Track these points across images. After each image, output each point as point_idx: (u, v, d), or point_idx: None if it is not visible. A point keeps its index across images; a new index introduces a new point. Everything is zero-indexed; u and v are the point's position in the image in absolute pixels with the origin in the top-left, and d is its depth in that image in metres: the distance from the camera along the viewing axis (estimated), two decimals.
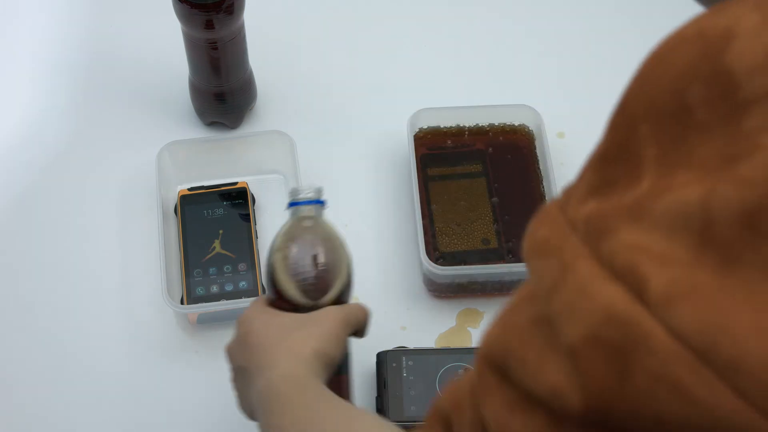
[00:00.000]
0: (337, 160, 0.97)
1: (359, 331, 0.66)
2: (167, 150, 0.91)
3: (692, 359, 0.27)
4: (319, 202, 0.68)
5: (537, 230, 0.34)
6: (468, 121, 0.96)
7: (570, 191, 0.34)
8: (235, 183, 0.92)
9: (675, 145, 0.30)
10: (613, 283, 0.29)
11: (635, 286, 0.29)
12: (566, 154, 0.95)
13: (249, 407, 0.64)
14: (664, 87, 0.31)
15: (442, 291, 0.88)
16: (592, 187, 0.32)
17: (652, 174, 0.30)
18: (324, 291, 0.66)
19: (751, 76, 0.28)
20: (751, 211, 0.27)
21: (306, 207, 0.67)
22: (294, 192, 0.68)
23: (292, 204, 0.67)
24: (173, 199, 0.91)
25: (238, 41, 0.90)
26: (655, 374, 0.28)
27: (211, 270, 0.87)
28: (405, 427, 0.78)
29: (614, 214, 0.31)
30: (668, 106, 0.30)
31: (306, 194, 0.67)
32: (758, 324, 0.26)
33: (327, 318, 0.63)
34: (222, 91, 0.94)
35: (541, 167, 0.93)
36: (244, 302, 0.81)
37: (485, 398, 0.37)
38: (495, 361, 0.36)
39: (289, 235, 0.66)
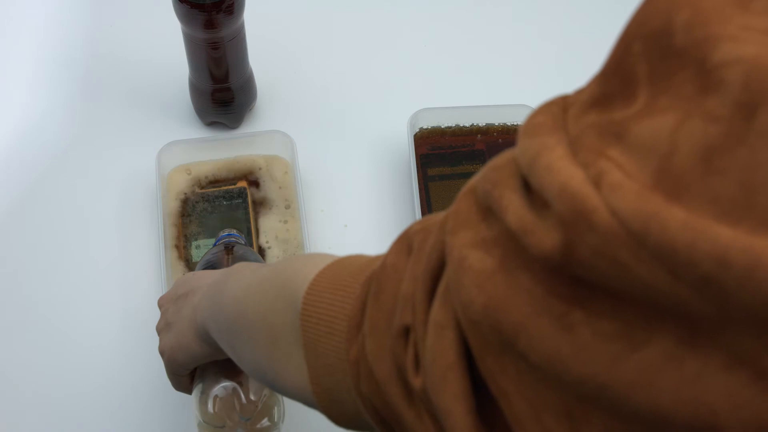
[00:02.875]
0: (336, 160, 0.97)
1: None
2: (167, 150, 0.91)
3: (630, 240, 0.29)
4: (238, 236, 0.82)
5: (536, 116, 0.35)
6: (468, 121, 0.96)
7: (577, 96, 0.35)
8: (235, 183, 0.93)
9: (661, 67, 0.31)
10: (577, 168, 0.31)
11: (594, 176, 0.31)
12: None
13: (175, 340, 0.67)
14: (659, 7, 0.31)
15: None
16: (594, 99, 0.33)
17: (646, 93, 0.31)
18: None
19: None
20: (710, 146, 0.28)
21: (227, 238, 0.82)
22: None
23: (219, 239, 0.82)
24: (173, 198, 0.91)
25: (238, 41, 0.90)
26: (597, 249, 0.30)
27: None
28: None
29: (600, 132, 0.32)
30: (656, 25, 0.31)
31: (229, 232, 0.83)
32: (687, 222, 0.28)
33: None
34: (222, 91, 0.94)
35: None
36: None
37: (459, 230, 0.38)
38: (479, 197, 0.38)
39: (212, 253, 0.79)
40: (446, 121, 0.96)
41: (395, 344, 0.42)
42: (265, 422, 0.68)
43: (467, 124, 0.96)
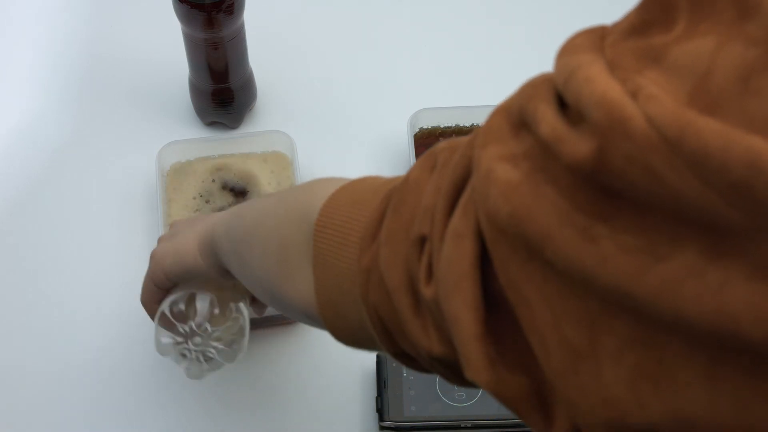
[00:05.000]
0: (337, 160, 0.97)
1: None
2: (167, 150, 0.91)
3: (664, 146, 0.30)
4: None
5: (574, 38, 0.37)
6: (468, 121, 0.96)
7: (615, 26, 0.36)
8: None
9: None
10: (615, 82, 0.32)
11: (632, 89, 0.31)
12: None
13: (173, 247, 0.67)
14: None
15: None
16: (633, 27, 0.34)
17: (685, 19, 0.32)
18: None
19: None
20: (748, 67, 0.29)
21: None
22: None
23: None
24: (173, 198, 0.91)
25: (238, 41, 0.90)
26: (630, 156, 0.31)
27: None
28: (405, 429, 0.78)
29: (638, 55, 0.33)
30: None
31: None
32: (722, 131, 0.29)
33: None
34: (222, 91, 0.94)
35: None
36: None
37: (489, 144, 0.38)
38: (512, 114, 0.38)
39: None
40: (446, 121, 0.96)
41: (410, 253, 0.43)
42: (222, 345, 0.68)
43: (467, 124, 0.96)
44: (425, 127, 0.96)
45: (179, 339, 0.68)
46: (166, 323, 0.68)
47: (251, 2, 0.88)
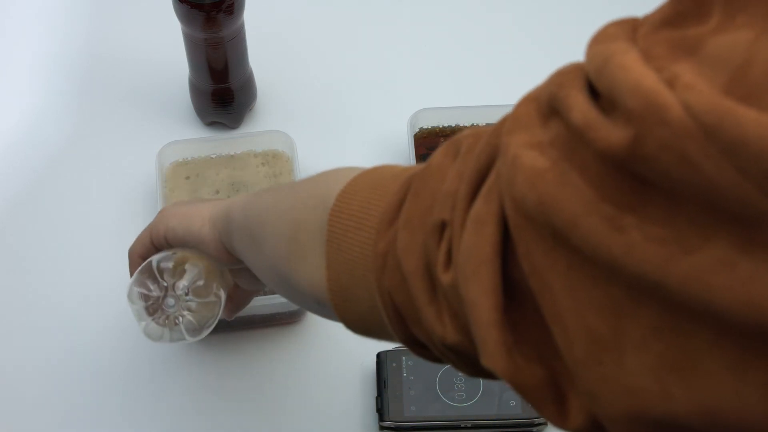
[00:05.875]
0: (337, 160, 0.96)
1: None
2: (167, 150, 0.91)
3: (700, 134, 0.30)
4: None
5: (607, 28, 0.36)
6: (468, 120, 0.96)
7: (647, 18, 0.36)
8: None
9: None
10: (650, 70, 0.32)
11: (668, 78, 0.31)
12: None
13: (185, 209, 0.67)
14: None
15: None
16: (666, 19, 0.34)
17: (720, 12, 0.32)
18: None
19: None
20: None
21: None
22: None
23: None
24: (173, 198, 0.91)
25: (238, 41, 0.90)
26: (665, 143, 0.31)
27: None
28: (405, 429, 0.78)
29: (672, 46, 0.33)
30: None
31: None
32: (761, 120, 0.29)
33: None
34: (222, 91, 0.94)
35: None
36: None
37: (516, 131, 0.38)
38: (541, 103, 0.38)
39: None
40: (446, 121, 0.96)
41: (429, 238, 0.42)
42: (190, 317, 0.68)
43: (467, 124, 0.96)
44: (425, 127, 0.96)
45: (153, 293, 0.68)
46: (147, 276, 0.68)
47: (251, 2, 0.88)
